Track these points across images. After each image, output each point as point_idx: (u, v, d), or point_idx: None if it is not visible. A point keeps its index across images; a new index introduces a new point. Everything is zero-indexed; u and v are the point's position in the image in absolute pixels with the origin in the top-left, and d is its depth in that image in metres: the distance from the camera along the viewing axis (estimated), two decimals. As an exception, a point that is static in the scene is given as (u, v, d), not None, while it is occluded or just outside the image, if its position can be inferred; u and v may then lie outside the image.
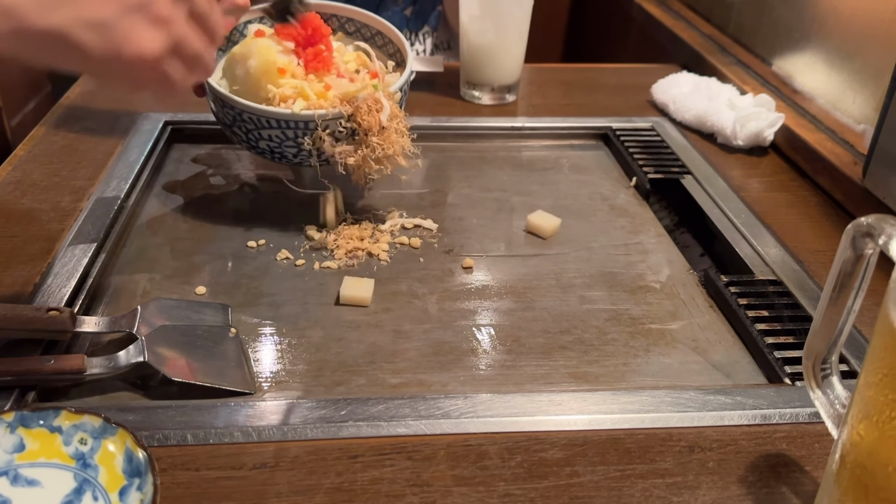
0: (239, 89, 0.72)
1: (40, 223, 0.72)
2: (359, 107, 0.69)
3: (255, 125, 0.69)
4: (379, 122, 0.69)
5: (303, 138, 0.70)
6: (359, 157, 0.70)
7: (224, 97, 0.69)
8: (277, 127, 0.69)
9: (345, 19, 0.81)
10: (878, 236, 0.42)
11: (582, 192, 0.87)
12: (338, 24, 0.81)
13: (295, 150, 0.71)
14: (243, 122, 0.70)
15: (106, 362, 0.55)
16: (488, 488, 0.48)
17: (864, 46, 0.88)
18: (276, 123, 0.69)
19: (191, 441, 0.50)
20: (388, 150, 0.70)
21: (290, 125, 0.69)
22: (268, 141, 0.71)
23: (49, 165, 0.82)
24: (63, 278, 0.64)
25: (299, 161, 0.73)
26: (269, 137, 0.70)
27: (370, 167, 0.70)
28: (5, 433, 0.47)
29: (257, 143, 0.72)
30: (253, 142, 0.72)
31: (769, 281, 0.70)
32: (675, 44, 1.26)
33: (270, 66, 0.70)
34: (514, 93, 1.05)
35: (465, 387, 0.58)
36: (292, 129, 0.69)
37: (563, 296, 0.69)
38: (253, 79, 0.70)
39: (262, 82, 0.70)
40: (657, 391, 0.56)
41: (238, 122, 0.70)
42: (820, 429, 0.54)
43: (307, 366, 0.59)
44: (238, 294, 0.67)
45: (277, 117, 0.68)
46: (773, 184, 0.87)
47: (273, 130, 0.69)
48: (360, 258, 0.73)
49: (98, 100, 0.98)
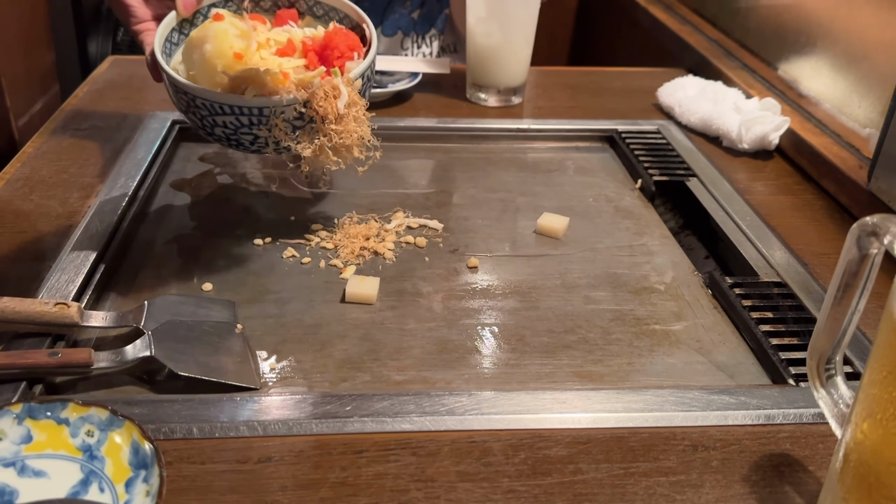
0: (195, 74, 0.69)
1: (49, 219, 0.73)
2: (314, 93, 0.65)
3: (209, 111, 0.66)
4: (336, 110, 0.65)
5: (258, 126, 0.66)
6: (315, 147, 0.66)
7: (177, 82, 0.66)
8: (231, 113, 0.66)
9: (312, 2, 0.77)
10: (883, 236, 0.42)
11: (587, 193, 0.87)
12: (306, 7, 0.78)
13: (251, 138, 0.67)
14: (197, 108, 0.67)
15: (113, 356, 0.55)
16: (492, 484, 0.48)
17: (869, 51, 0.88)
18: (229, 110, 0.66)
19: (197, 435, 0.50)
20: (345, 139, 0.66)
21: (244, 112, 0.65)
22: (223, 128, 0.67)
23: (57, 163, 0.82)
24: (71, 273, 0.64)
25: (257, 149, 0.69)
26: (223, 124, 0.67)
27: (327, 157, 0.66)
28: (13, 424, 0.47)
29: (213, 130, 0.68)
30: (208, 128, 0.68)
31: (774, 283, 0.70)
32: (681, 48, 1.26)
33: (226, 51, 0.67)
34: (520, 95, 1.05)
35: (470, 384, 0.59)
36: (246, 115, 0.65)
37: (567, 296, 0.69)
38: (209, 64, 0.67)
39: (218, 67, 0.67)
40: (661, 390, 0.57)
41: (192, 107, 0.67)
42: (824, 429, 0.54)
43: (312, 362, 0.60)
44: (244, 291, 0.67)
45: (231, 103, 0.65)
46: (779, 187, 0.87)
47: (227, 117, 0.66)
48: (365, 257, 0.73)
49: (106, 99, 0.98)
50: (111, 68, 1.08)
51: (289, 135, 0.66)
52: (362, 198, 0.82)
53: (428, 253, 0.74)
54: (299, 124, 0.66)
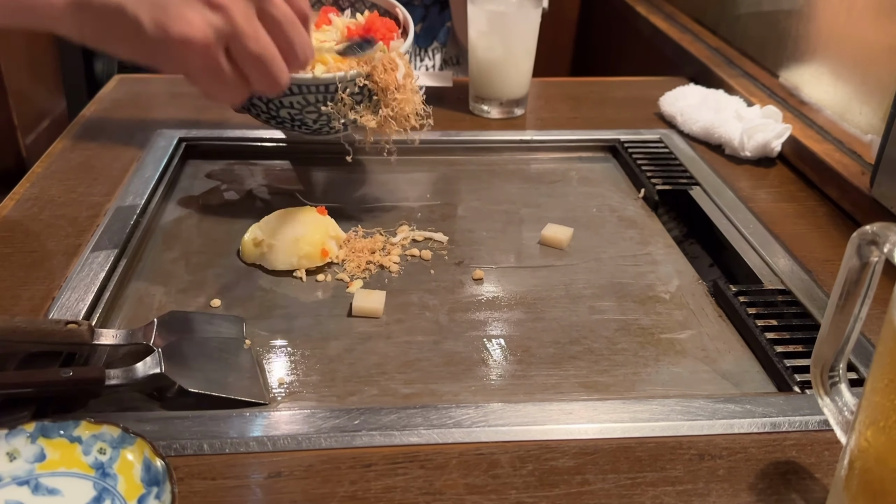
0: None
1: (58, 238, 0.73)
2: (375, 66, 0.71)
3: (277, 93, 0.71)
4: (396, 81, 0.71)
5: (324, 103, 0.71)
6: (380, 118, 0.72)
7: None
8: (299, 93, 0.70)
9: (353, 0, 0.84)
10: (882, 244, 0.42)
11: (591, 203, 0.87)
12: (348, 4, 0.85)
13: (315, 116, 0.73)
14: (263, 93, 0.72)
15: (124, 374, 0.56)
16: (500, 496, 0.49)
17: (870, 58, 0.88)
18: (297, 89, 0.70)
19: (207, 450, 0.51)
20: (405, 107, 0.72)
21: (311, 90, 0.70)
22: (289, 108, 0.72)
23: (66, 182, 0.83)
24: (81, 292, 0.65)
25: (318, 127, 0.75)
26: (290, 105, 0.72)
27: (390, 127, 0.72)
28: (26, 443, 0.48)
29: (278, 112, 0.73)
30: (274, 111, 0.73)
31: (778, 290, 0.70)
32: (683, 56, 1.27)
33: None
34: (523, 107, 1.06)
35: (477, 396, 0.59)
36: (313, 93, 0.71)
37: (572, 306, 0.70)
38: None
39: None
40: (667, 400, 0.57)
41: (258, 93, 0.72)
42: (829, 436, 0.54)
43: (320, 376, 0.60)
44: (252, 307, 0.68)
45: (299, 83, 0.70)
46: (781, 194, 0.88)
47: (294, 97, 0.71)
48: (371, 271, 0.73)
49: (113, 117, 0.99)
50: (118, 87, 1.09)
51: (354, 108, 0.72)
52: (367, 212, 0.83)
53: (433, 266, 0.75)
54: (361, 98, 0.72)
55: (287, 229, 0.72)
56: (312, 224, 0.72)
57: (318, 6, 0.84)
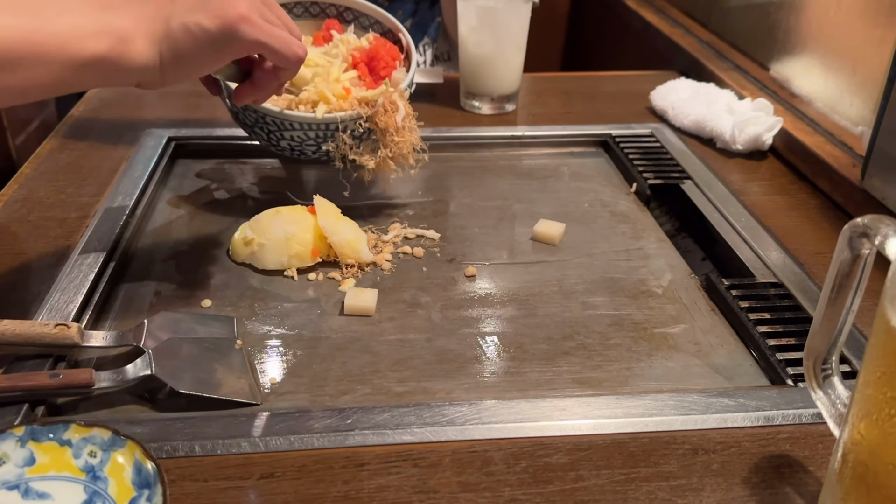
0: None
1: (47, 240, 0.73)
2: (377, 110, 0.73)
3: (278, 127, 0.74)
4: (395, 123, 0.73)
5: (325, 141, 0.75)
6: (378, 159, 0.75)
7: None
8: (300, 129, 0.73)
9: (359, 13, 0.86)
10: (874, 236, 0.42)
11: (583, 199, 0.87)
12: (352, 17, 0.86)
13: (314, 148, 0.76)
14: (266, 125, 0.74)
15: (114, 376, 0.55)
16: (494, 494, 0.49)
17: (860, 49, 0.88)
18: (298, 126, 0.73)
19: (199, 452, 0.51)
20: (402, 148, 0.74)
21: (313, 127, 0.73)
22: (289, 141, 0.76)
23: (55, 182, 0.83)
24: (70, 294, 0.64)
25: (317, 158, 0.77)
26: (290, 138, 0.75)
27: (388, 167, 0.75)
28: (16, 447, 0.47)
29: (278, 143, 0.77)
30: (274, 142, 0.77)
31: (770, 284, 0.70)
32: (673, 50, 1.26)
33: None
34: (514, 102, 1.06)
35: (470, 394, 0.59)
36: (314, 130, 0.74)
37: (565, 302, 0.70)
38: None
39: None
40: (660, 395, 0.57)
41: (260, 123, 0.74)
42: (823, 429, 0.54)
43: (312, 376, 0.60)
44: (243, 306, 0.68)
45: (301, 121, 0.73)
46: (773, 187, 0.88)
47: (295, 132, 0.74)
48: (363, 268, 0.73)
49: (102, 117, 0.99)
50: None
51: (353, 149, 0.75)
52: (359, 210, 0.83)
53: (426, 263, 0.75)
54: (361, 136, 0.75)
55: (277, 228, 0.71)
56: (303, 223, 0.72)
57: (308, 16, 0.85)
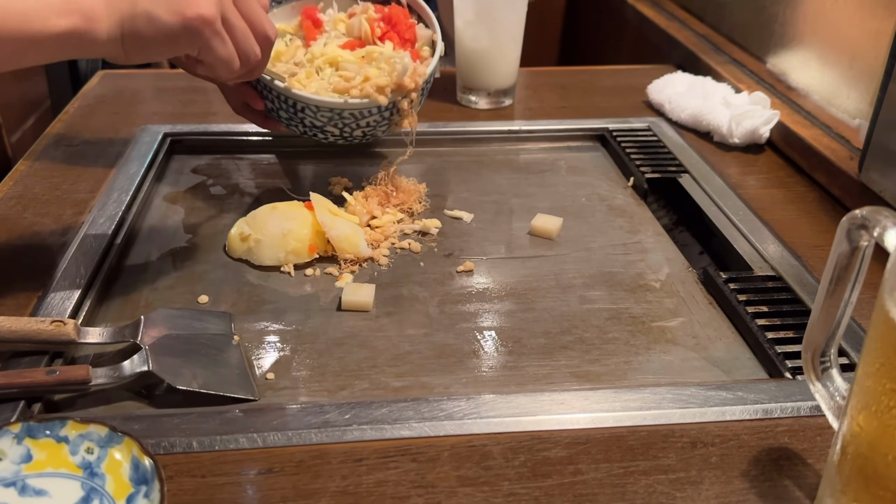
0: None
1: (43, 236, 0.73)
2: (401, 103, 0.78)
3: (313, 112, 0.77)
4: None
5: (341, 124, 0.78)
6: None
7: (289, 92, 0.75)
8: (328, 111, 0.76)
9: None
10: (872, 228, 0.42)
11: (580, 193, 0.87)
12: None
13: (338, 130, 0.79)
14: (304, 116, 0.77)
15: (111, 372, 0.55)
16: (493, 488, 0.48)
17: (857, 42, 0.88)
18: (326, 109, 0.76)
19: (196, 448, 0.50)
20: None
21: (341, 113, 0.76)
22: (312, 118, 0.77)
23: (50, 179, 0.82)
24: (66, 290, 0.64)
25: (334, 139, 0.81)
26: (313, 115, 0.77)
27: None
28: (12, 444, 0.47)
29: (301, 121, 0.78)
30: (296, 122, 0.79)
31: (768, 277, 0.70)
32: (670, 44, 1.26)
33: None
34: (511, 97, 1.05)
35: (468, 388, 0.59)
36: (338, 113, 0.76)
37: (563, 296, 0.70)
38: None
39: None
40: (659, 388, 0.57)
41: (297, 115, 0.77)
42: (821, 422, 0.54)
43: (310, 371, 0.60)
44: (240, 302, 0.67)
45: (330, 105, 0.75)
46: (770, 180, 0.88)
47: (322, 112, 0.77)
48: (360, 264, 0.73)
49: (97, 114, 0.98)
50: (101, 83, 1.08)
51: (379, 126, 0.79)
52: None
53: (423, 258, 0.75)
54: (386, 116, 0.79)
55: (274, 224, 0.71)
56: (300, 219, 0.72)
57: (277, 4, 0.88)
